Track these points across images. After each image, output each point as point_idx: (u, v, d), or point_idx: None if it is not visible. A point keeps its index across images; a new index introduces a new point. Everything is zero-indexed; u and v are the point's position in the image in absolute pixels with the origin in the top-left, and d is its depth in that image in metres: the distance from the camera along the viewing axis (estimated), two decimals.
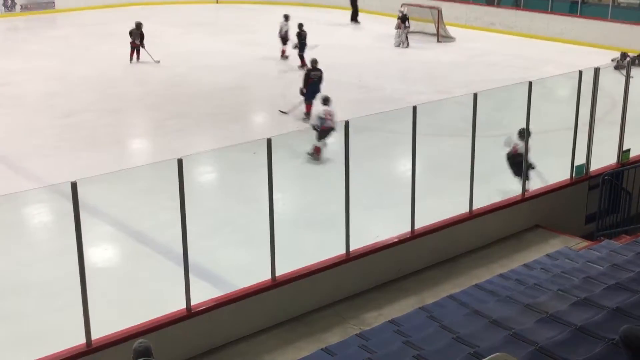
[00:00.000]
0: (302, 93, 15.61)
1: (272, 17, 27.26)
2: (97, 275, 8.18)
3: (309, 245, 9.61)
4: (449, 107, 15.91)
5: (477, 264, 9.26)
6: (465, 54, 21.58)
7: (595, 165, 10.92)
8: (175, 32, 25.01)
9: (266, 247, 7.78)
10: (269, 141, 7.47)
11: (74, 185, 6.39)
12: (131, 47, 20.83)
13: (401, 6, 24.67)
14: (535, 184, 10.84)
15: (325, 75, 15.66)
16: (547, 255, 8.85)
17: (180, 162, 6.96)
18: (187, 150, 9.79)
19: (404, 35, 23.49)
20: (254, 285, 7.97)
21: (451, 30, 24.51)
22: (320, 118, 13.21)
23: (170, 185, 7.14)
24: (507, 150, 11.38)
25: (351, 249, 8.51)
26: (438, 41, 24.12)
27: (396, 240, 8.98)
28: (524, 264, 8.59)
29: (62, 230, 9.61)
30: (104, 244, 10.35)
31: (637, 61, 19.75)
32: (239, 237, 10.35)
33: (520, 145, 10.85)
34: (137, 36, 20.82)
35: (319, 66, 15.73)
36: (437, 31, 24.32)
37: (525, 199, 10.19)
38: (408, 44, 23.36)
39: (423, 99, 15.29)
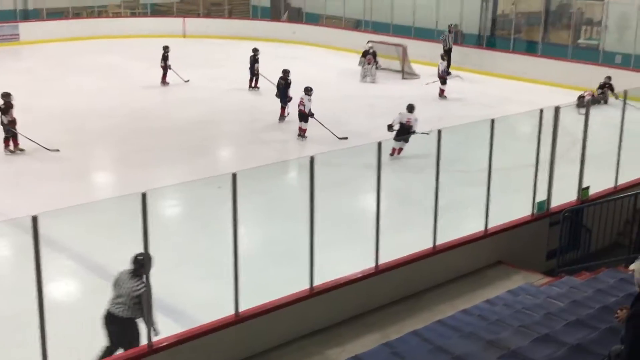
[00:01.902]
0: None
1: (239, 52, 27.49)
2: (57, 311, 8.04)
3: (273, 280, 9.57)
4: (413, 142, 16.09)
5: (441, 300, 9.30)
6: (430, 90, 21.87)
7: (556, 202, 11.08)
8: (142, 66, 25.00)
9: (230, 281, 7.74)
10: (234, 176, 7.47)
11: (34, 219, 6.31)
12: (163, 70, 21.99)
13: (367, 43, 25.02)
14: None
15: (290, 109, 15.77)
16: (509, 291, 8.93)
17: (144, 196, 6.92)
18: (152, 184, 9.74)
19: (373, 70, 23.83)
20: (217, 320, 7.90)
21: (416, 67, 24.87)
22: (401, 123, 15.58)
23: (133, 219, 7.09)
24: (401, 121, 15.48)
25: (315, 284, 8.50)
26: (403, 78, 24.44)
27: (360, 275, 9.00)
28: (487, 300, 8.65)
29: (22, 265, 9.45)
30: (64, 279, 10.20)
31: (601, 101, 20.23)
32: (202, 271, 10.28)
33: (412, 117, 15.57)
34: (165, 59, 21.83)
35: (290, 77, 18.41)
36: (402, 68, 24.65)
37: (487, 235, 10.29)
38: (374, 80, 23.66)
39: (388, 134, 15.46)
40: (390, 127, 15.70)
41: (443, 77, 21.77)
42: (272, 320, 8.18)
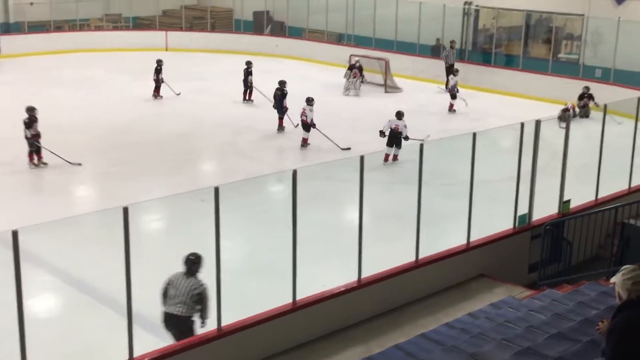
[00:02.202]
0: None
1: (221, 65, 27.52)
2: (38, 326, 7.98)
3: (256, 294, 9.55)
4: (398, 156, 16.17)
5: (423, 313, 9.32)
6: (413, 104, 21.97)
7: (538, 215, 11.16)
8: (124, 79, 24.94)
9: (212, 296, 7.72)
10: (216, 189, 7.47)
11: (14, 234, 6.27)
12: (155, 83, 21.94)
13: (350, 57, 25.11)
14: None
15: (273, 123, 15.76)
16: (492, 304, 8.96)
17: (125, 210, 6.90)
18: (134, 198, 9.70)
19: (358, 83, 23.95)
20: (200, 335, 7.88)
21: (398, 81, 24.99)
22: (391, 129, 16.43)
23: (115, 234, 7.06)
24: (390, 128, 16.34)
25: (298, 297, 8.49)
26: (386, 91, 24.53)
27: (343, 289, 9.00)
28: (469, 313, 8.67)
29: (2, 280, 9.36)
30: (45, 294, 10.12)
31: (583, 116, 20.43)
32: None
33: (400, 123, 16.38)
34: (158, 72, 21.78)
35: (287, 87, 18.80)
36: (385, 82, 24.76)
37: (469, 248, 10.34)
38: (358, 93, 23.76)
39: (371, 148, 15.52)
40: (382, 133, 16.59)
41: (452, 93, 21.97)
42: (255, 334, 8.16)
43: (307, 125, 17.54)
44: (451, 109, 21.93)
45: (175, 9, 33.54)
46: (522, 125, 10.57)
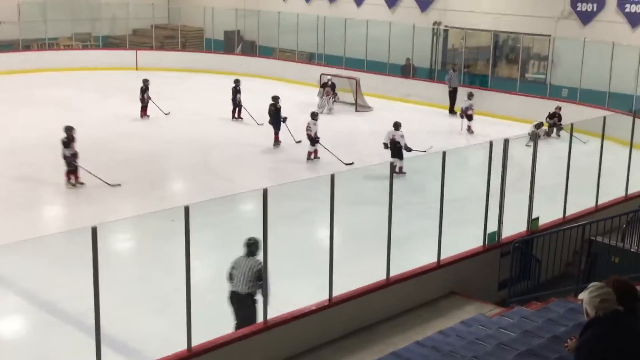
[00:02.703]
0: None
1: (193, 84, 27.49)
2: (5, 348, 7.85)
3: (226, 314, 9.49)
4: (367, 174, 16.22)
5: (395, 332, 9.33)
6: (383, 123, 22.06)
7: (507, 233, 11.26)
8: (94, 98, 24.78)
9: (183, 316, 7.66)
10: (186, 209, 7.44)
11: None
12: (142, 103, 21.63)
13: (321, 76, 25.22)
14: None
15: (244, 142, 15.75)
16: (462, 322, 9.00)
17: (94, 230, 6.85)
18: (103, 218, 9.64)
19: (331, 102, 24.10)
20: (169, 356, 7.79)
21: (369, 100, 25.14)
22: (390, 139, 16.89)
23: (84, 254, 7.00)
24: (389, 139, 16.70)
25: (270, 316, 8.47)
26: (356, 110, 24.67)
27: (314, 308, 8.99)
28: (440, 331, 8.70)
29: None
30: (12, 316, 9.96)
31: (552, 134, 20.68)
32: (154, 306, 10.15)
33: (397, 134, 16.76)
34: (143, 92, 21.54)
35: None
36: (355, 101, 24.90)
37: (440, 266, 10.39)
38: (330, 111, 23.88)
39: (342, 167, 15.58)
40: (385, 146, 17.05)
41: (468, 114, 21.74)
42: (225, 354, 8.11)
43: (312, 139, 18.29)
44: (470, 130, 21.69)
45: (145, 28, 33.49)
46: (491, 143, 10.69)
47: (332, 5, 30.26)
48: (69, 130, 16.02)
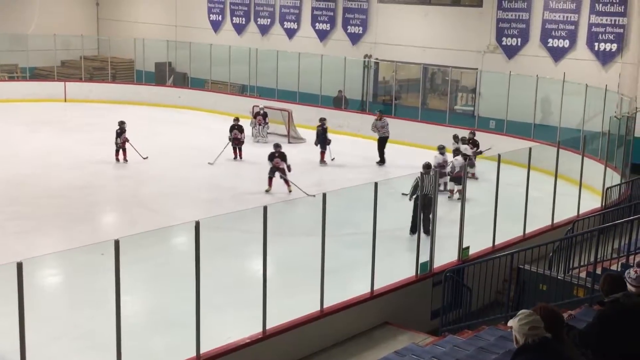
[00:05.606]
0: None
1: (123, 116, 27.09)
2: None
3: (159, 349, 9.32)
4: (301, 206, 16.24)
5: None
6: (316, 154, 22.21)
7: (438, 262, 11.42)
8: (21, 131, 24.19)
9: (113, 352, 7.48)
10: (116, 242, 7.31)
11: None
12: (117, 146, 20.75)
13: (253, 107, 25.25)
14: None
15: (176, 174, 15.58)
16: (396, 352, 9.05)
17: (20, 266, 6.66)
18: (29, 253, 9.37)
19: (264, 130, 24.16)
20: None
21: (301, 131, 25.26)
22: (438, 163, 17.76)
23: (9, 290, 6.78)
24: (438, 162, 17.45)
25: (202, 350, 8.34)
26: (289, 142, 24.71)
27: (248, 340, 8.91)
28: None
29: None
30: None
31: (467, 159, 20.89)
32: (84, 343, 9.88)
33: (441, 158, 17.99)
34: (118, 135, 20.72)
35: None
36: (288, 132, 24.98)
37: (373, 296, 10.44)
38: (266, 140, 23.94)
39: (275, 198, 15.56)
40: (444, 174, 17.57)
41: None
42: None
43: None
44: (473, 176, 19.61)
45: (74, 59, 33.00)
46: (422, 174, 10.87)
47: (264, 38, 30.44)
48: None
